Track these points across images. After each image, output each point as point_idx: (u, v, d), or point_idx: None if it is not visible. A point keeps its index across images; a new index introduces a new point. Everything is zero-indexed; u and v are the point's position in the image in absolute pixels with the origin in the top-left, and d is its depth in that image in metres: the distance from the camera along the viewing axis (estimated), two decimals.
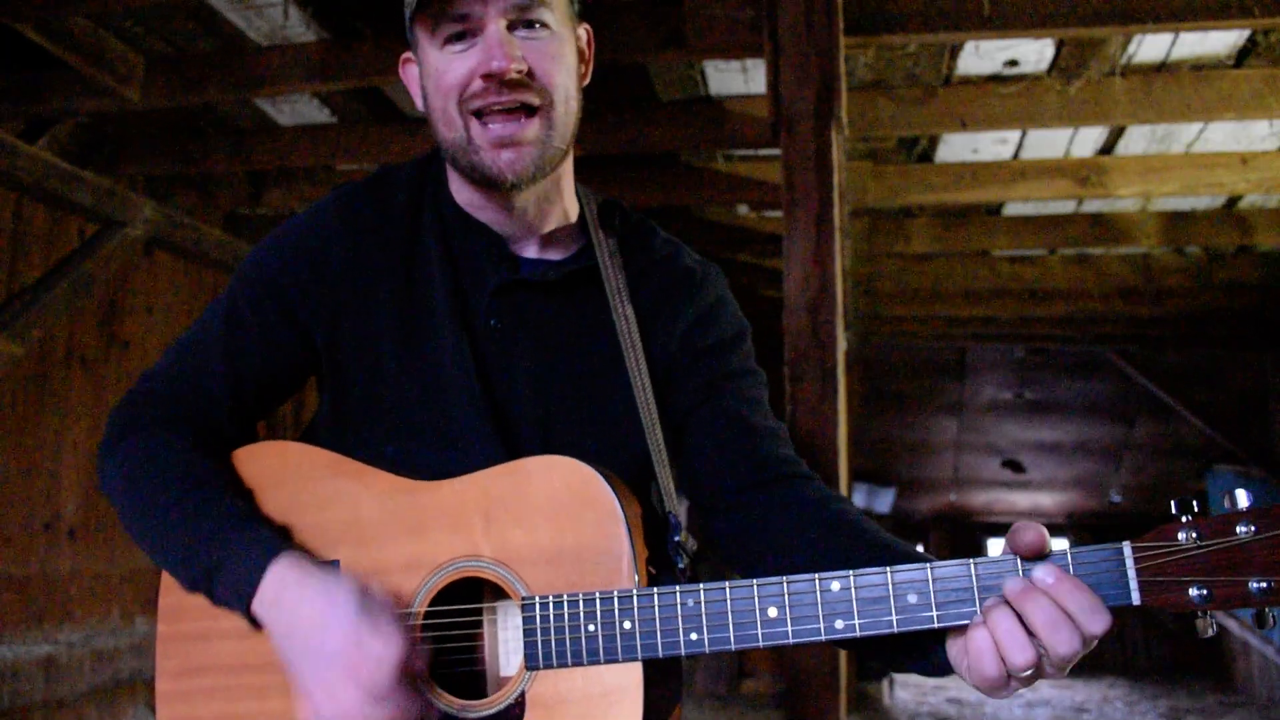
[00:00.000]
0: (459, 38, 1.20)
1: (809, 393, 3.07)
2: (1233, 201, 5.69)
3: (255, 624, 1.13)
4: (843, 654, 3.09)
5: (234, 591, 1.12)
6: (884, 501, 11.66)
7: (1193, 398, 9.23)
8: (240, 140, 4.99)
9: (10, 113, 4.34)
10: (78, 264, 4.62)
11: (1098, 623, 0.94)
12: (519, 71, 1.18)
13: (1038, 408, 9.98)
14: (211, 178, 5.64)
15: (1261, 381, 8.89)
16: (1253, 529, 0.93)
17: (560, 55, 1.23)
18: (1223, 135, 4.79)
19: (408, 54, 1.32)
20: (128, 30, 4.00)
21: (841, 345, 3.21)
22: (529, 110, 1.21)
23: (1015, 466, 11.41)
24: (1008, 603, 0.96)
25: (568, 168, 1.35)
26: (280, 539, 1.14)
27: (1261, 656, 8.23)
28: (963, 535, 13.26)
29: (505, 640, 1.18)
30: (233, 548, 1.12)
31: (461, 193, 1.33)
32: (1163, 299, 7.10)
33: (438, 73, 1.22)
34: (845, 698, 3.21)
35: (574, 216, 1.37)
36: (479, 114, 1.21)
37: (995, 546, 13.14)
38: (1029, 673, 0.95)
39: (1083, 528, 12.26)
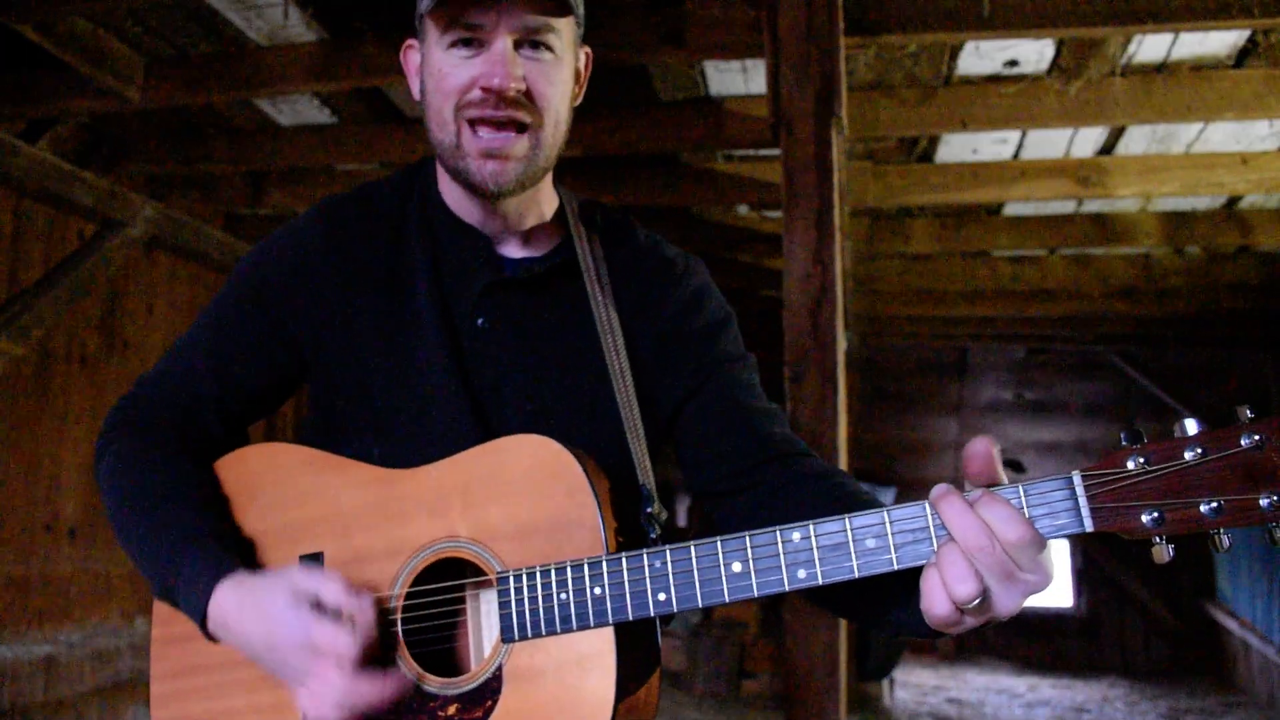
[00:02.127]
0: (466, 43, 1.23)
1: (809, 393, 3.07)
2: (1233, 201, 5.69)
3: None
4: (843, 654, 3.09)
5: (190, 614, 1.18)
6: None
7: (1193, 398, 9.23)
8: (240, 140, 4.99)
9: (10, 113, 4.34)
10: (78, 264, 4.62)
11: (1013, 530, 0.94)
12: (518, 90, 1.21)
13: (1038, 408, 9.99)
14: (211, 178, 5.64)
15: (1261, 381, 8.90)
16: (1200, 451, 0.92)
17: (559, 79, 1.27)
18: (1223, 135, 4.79)
19: (411, 40, 1.34)
20: (128, 30, 4.00)
21: (841, 345, 3.21)
22: (519, 127, 1.25)
23: (1015, 466, 11.39)
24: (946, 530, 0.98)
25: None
26: (227, 558, 1.17)
27: (1262, 656, 8.22)
28: None
29: (486, 617, 1.20)
30: (183, 571, 1.16)
31: (450, 192, 1.36)
32: (1163, 299, 7.10)
33: (440, 73, 1.25)
34: (845, 698, 3.20)
35: (550, 214, 1.40)
36: (472, 122, 1.24)
37: None
38: (976, 603, 0.95)
39: None
